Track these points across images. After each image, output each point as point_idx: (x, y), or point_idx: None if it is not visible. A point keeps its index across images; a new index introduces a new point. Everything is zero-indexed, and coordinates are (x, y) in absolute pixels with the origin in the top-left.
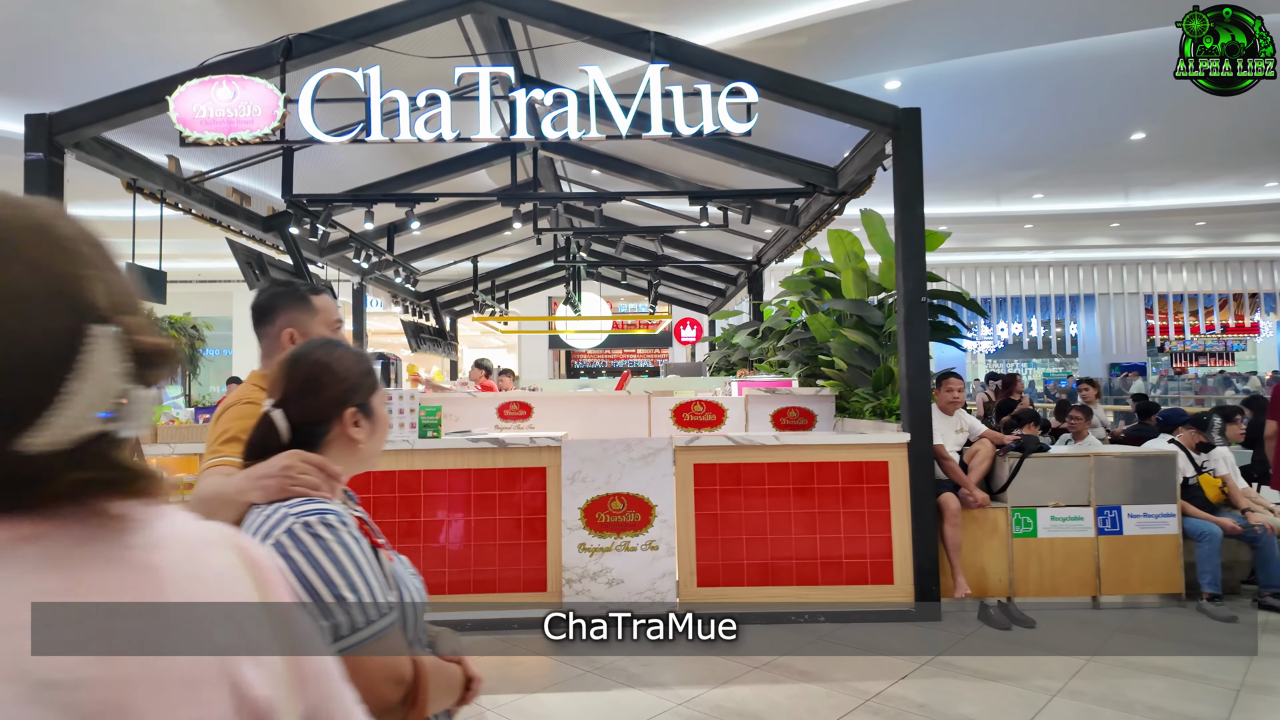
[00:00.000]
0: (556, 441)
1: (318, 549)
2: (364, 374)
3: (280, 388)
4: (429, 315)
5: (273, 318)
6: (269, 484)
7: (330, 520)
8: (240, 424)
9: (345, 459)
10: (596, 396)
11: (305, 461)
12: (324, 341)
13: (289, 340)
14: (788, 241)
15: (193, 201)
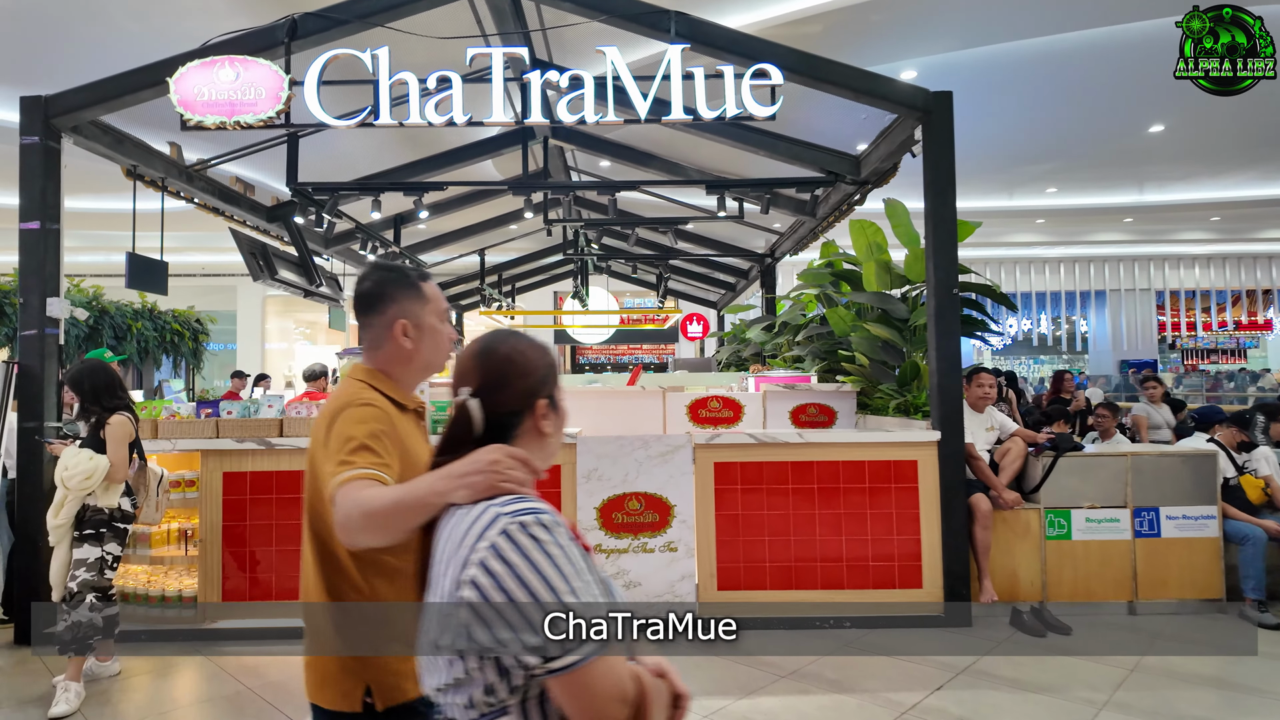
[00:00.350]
0: (571, 438)
1: (538, 552)
2: (550, 365)
3: (473, 379)
4: None
5: (383, 306)
6: (476, 481)
7: (546, 520)
8: (365, 429)
9: (535, 452)
10: (609, 392)
11: (510, 456)
12: (509, 332)
13: (401, 332)
14: (804, 234)
15: (195, 190)
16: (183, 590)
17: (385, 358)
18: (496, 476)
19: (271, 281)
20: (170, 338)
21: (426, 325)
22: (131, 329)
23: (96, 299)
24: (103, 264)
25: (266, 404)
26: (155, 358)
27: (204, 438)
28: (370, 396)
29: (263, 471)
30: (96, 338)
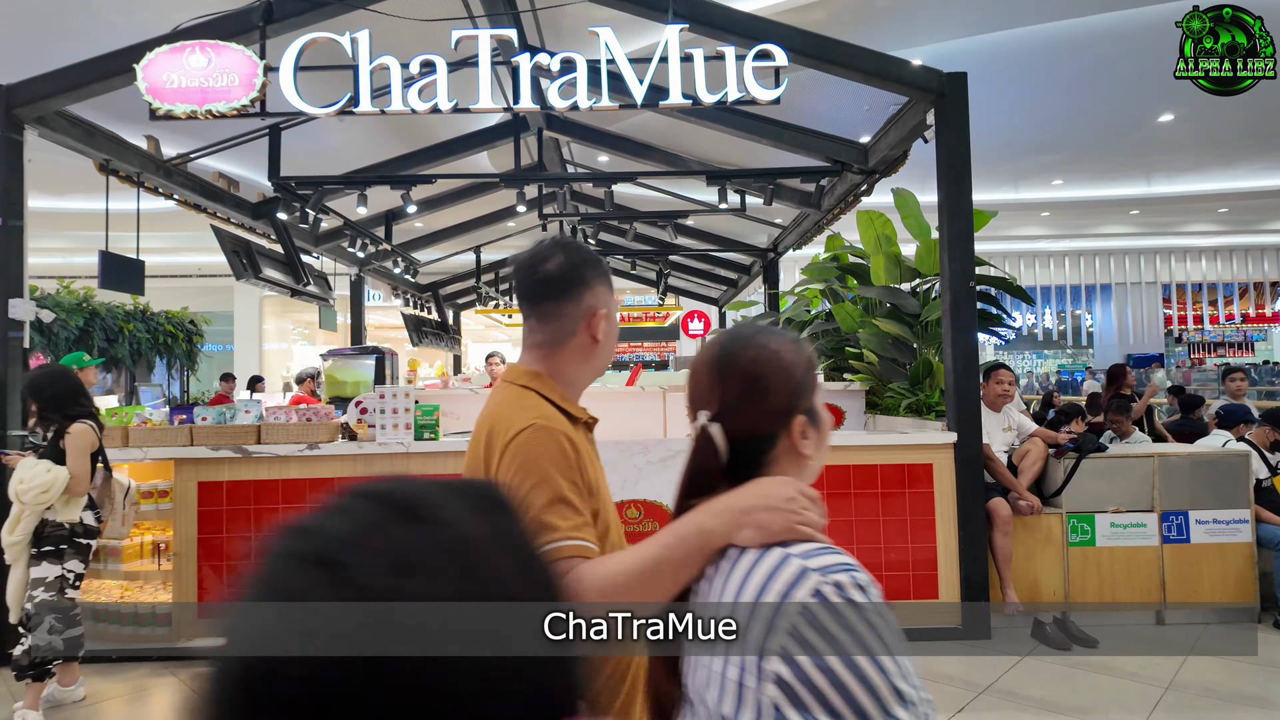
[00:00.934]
0: None
1: (861, 624)
2: (807, 369)
3: (714, 395)
4: (431, 308)
5: (578, 293)
6: (768, 520)
7: (862, 580)
8: (558, 469)
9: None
10: (606, 392)
11: (803, 494)
12: (752, 329)
13: (597, 324)
14: (808, 227)
15: (174, 186)
16: (156, 607)
17: (566, 357)
18: (793, 517)
19: (256, 280)
20: (163, 339)
21: (614, 318)
22: (123, 331)
23: (87, 300)
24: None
25: (244, 409)
26: (148, 360)
27: (177, 445)
28: (548, 413)
29: (240, 481)
30: (87, 340)
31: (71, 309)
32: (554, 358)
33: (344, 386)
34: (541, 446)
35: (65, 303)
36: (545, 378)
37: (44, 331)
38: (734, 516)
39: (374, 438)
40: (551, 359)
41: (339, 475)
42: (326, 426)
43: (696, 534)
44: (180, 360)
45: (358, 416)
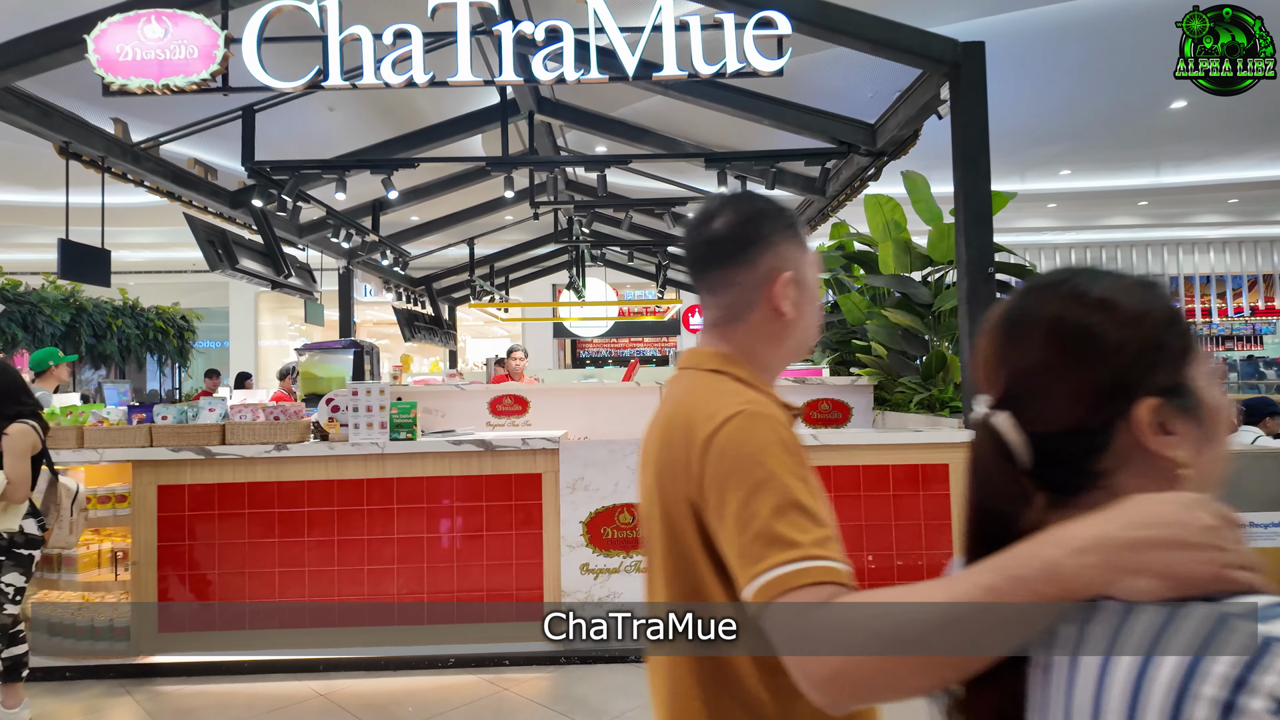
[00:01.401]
0: (553, 443)
1: None
2: (1166, 325)
3: (999, 371)
4: (424, 303)
5: (753, 254)
6: (1184, 563)
7: None
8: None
9: None
10: (601, 389)
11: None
12: (1070, 271)
13: (781, 293)
14: (812, 214)
15: (143, 172)
16: (114, 620)
17: (750, 334)
18: (1220, 556)
19: (232, 272)
20: (154, 335)
21: (810, 283)
22: (111, 327)
23: (74, 296)
24: None
25: (207, 407)
26: (138, 356)
27: (135, 446)
28: (754, 397)
29: (203, 484)
30: (74, 336)
31: (57, 304)
32: (737, 336)
33: (321, 383)
34: (759, 437)
35: (51, 298)
36: (736, 359)
37: (29, 327)
38: (1112, 555)
39: (346, 438)
40: (734, 338)
41: (308, 478)
42: (295, 426)
43: (1043, 575)
44: (172, 357)
45: (329, 415)
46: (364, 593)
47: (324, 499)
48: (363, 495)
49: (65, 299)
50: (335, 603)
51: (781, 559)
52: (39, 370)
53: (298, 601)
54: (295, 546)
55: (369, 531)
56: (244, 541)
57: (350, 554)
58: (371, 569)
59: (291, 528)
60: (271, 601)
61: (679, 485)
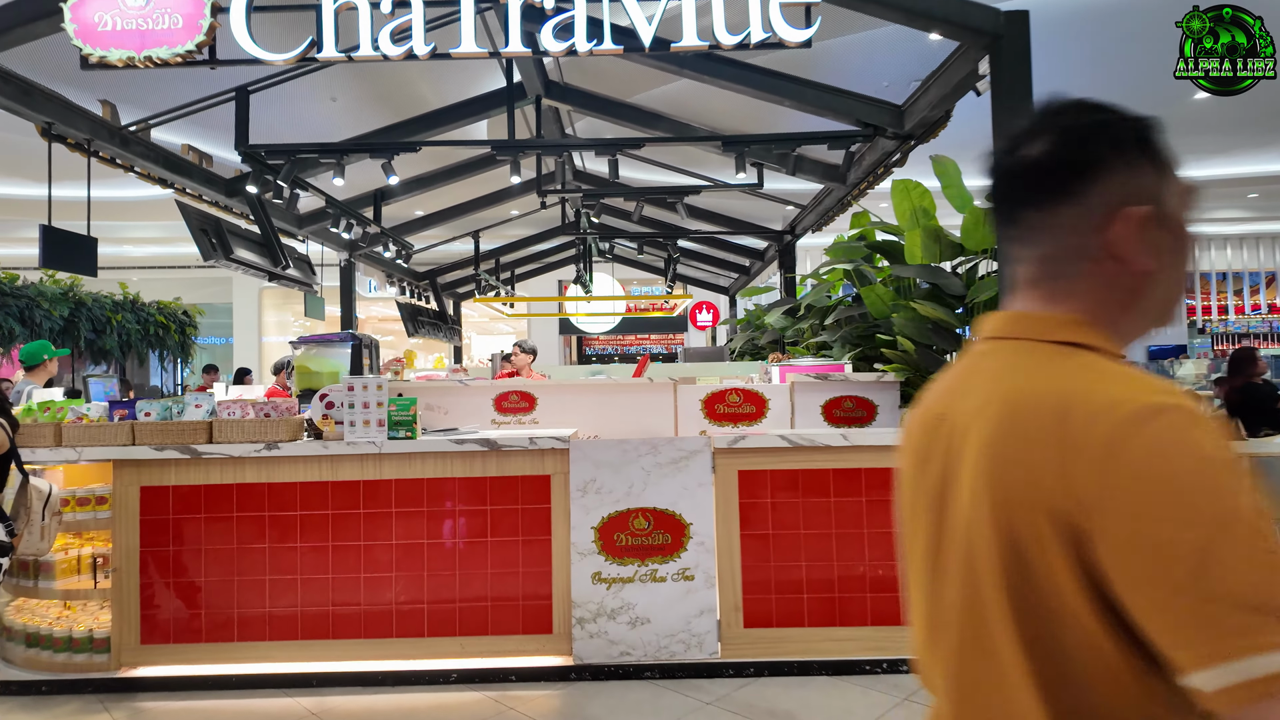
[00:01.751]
0: (563, 443)
1: None
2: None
3: None
4: (428, 297)
5: (1083, 185)
6: None
7: None
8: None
9: None
10: (612, 385)
11: None
12: None
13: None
14: (831, 204)
15: (132, 157)
16: (94, 630)
17: (1091, 294)
18: None
19: (226, 262)
20: (154, 331)
21: (1176, 220)
22: (111, 322)
23: (73, 289)
24: None
25: (194, 403)
26: (139, 352)
27: (116, 445)
28: (1172, 389)
29: (188, 486)
30: (73, 331)
31: (55, 298)
32: (1071, 298)
33: (316, 378)
34: (1204, 449)
35: (49, 292)
36: (1091, 327)
37: (26, 321)
38: None
39: (342, 436)
40: (1069, 299)
41: (301, 479)
42: (287, 423)
43: None
44: (173, 352)
45: (323, 412)
46: (360, 602)
47: (318, 501)
48: (359, 498)
49: (64, 293)
50: (329, 612)
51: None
52: (31, 364)
53: (289, 611)
54: (287, 552)
55: (365, 537)
56: (232, 547)
57: (345, 560)
58: (368, 577)
59: (283, 532)
60: (262, 611)
61: (1038, 494)
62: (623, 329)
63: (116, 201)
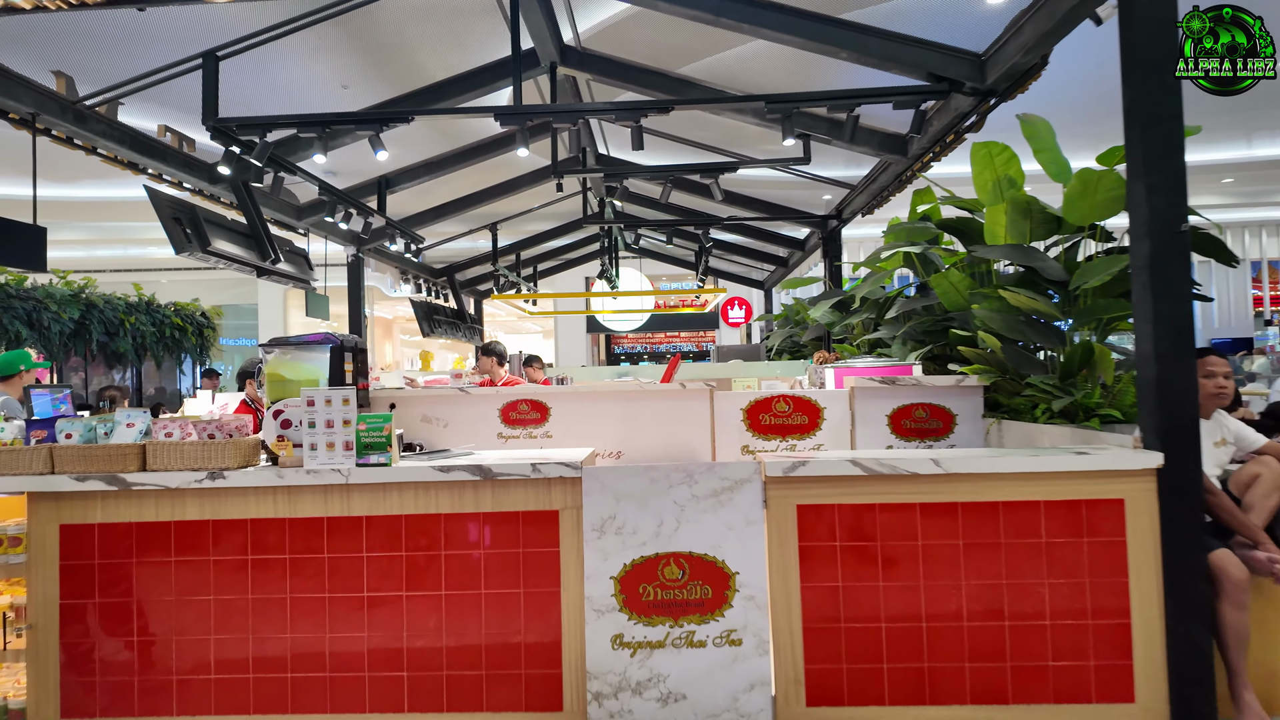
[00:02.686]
0: (574, 469)
1: None
2: None
3: None
4: (447, 295)
5: None
6: None
7: None
8: None
9: None
10: (638, 392)
11: None
12: None
13: None
14: (888, 180)
15: (91, 135)
16: (8, 700)
17: None
18: None
19: (203, 255)
20: (170, 333)
21: None
22: (125, 324)
23: (83, 291)
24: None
25: (124, 421)
26: (155, 355)
27: (30, 473)
28: None
29: (116, 524)
30: (84, 333)
31: (65, 300)
32: None
33: (289, 387)
34: None
35: (58, 294)
36: None
37: (34, 325)
38: None
39: (301, 462)
40: None
41: (251, 515)
42: (237, 447)
43: None
44: (191, 355)
45: (277, 432)
46: (325, 668)
47: (273, 543)
48: (322, 539)
49: (74, 295)
50: (288, 680)
51: None
52: (5, 374)
53: (239, 678)
54: (235, 606)
55: (331, 587)
56: (169, 599)
57: (307, 616)
58: (335, 637)
59: (230, 581)
60: (205, 677)
61: None
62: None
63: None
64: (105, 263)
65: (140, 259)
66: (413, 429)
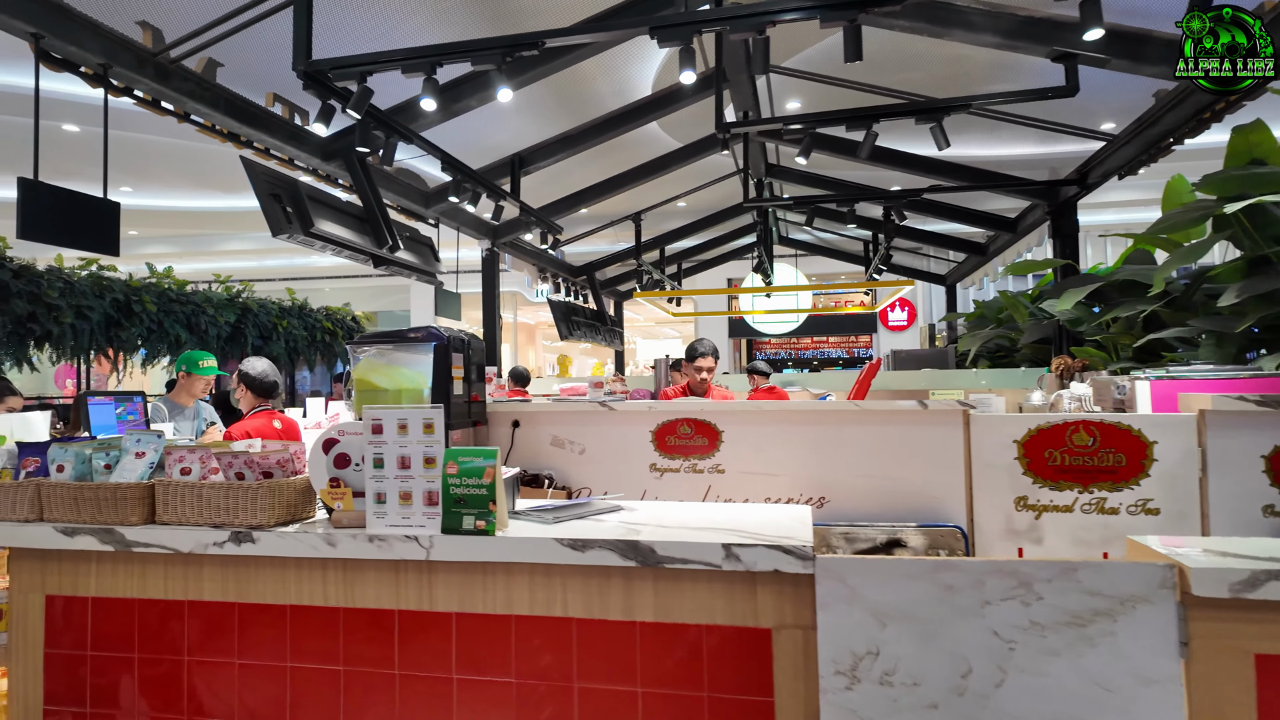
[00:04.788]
0: (801, 558)
1: None
2: None
3: None
4: (585, 296)
5: None
6: None
7: None
8: None
9: None
10: (847, 412)
11: None
12: None
13: None
14: (1176, 122)
15: (179, 96)
16: None
17: None
18: None
19: (305, 237)
20: (321, 336)
21: None
22: (278, 328)
23: (239, 295)
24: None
25: (134, 450)
26: (308, 359)
27: (13, 519)
28: None
29: (115, 599)
30: (239, 337)
31: (221, 305)
32: None
33: (382, 398)
34: None
35: (215, 298)
36: None
37: (193, 329)
38: None
39: (363, 520)
40: None
41: (291, 601)
42: (273, 493)
43: None
44: (341, 358)
45: (330, 472)
46: None
47: (320, 646)
48: (392, 645)
49: (230, 299)
50: None
51: None
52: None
53: None
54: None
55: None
56: (181, 718)
57: None
58: None
59: (260, 701)
60: None
61: None
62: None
63: None
64: (272, 272)
65: (303, 268)
66: (539, 454)
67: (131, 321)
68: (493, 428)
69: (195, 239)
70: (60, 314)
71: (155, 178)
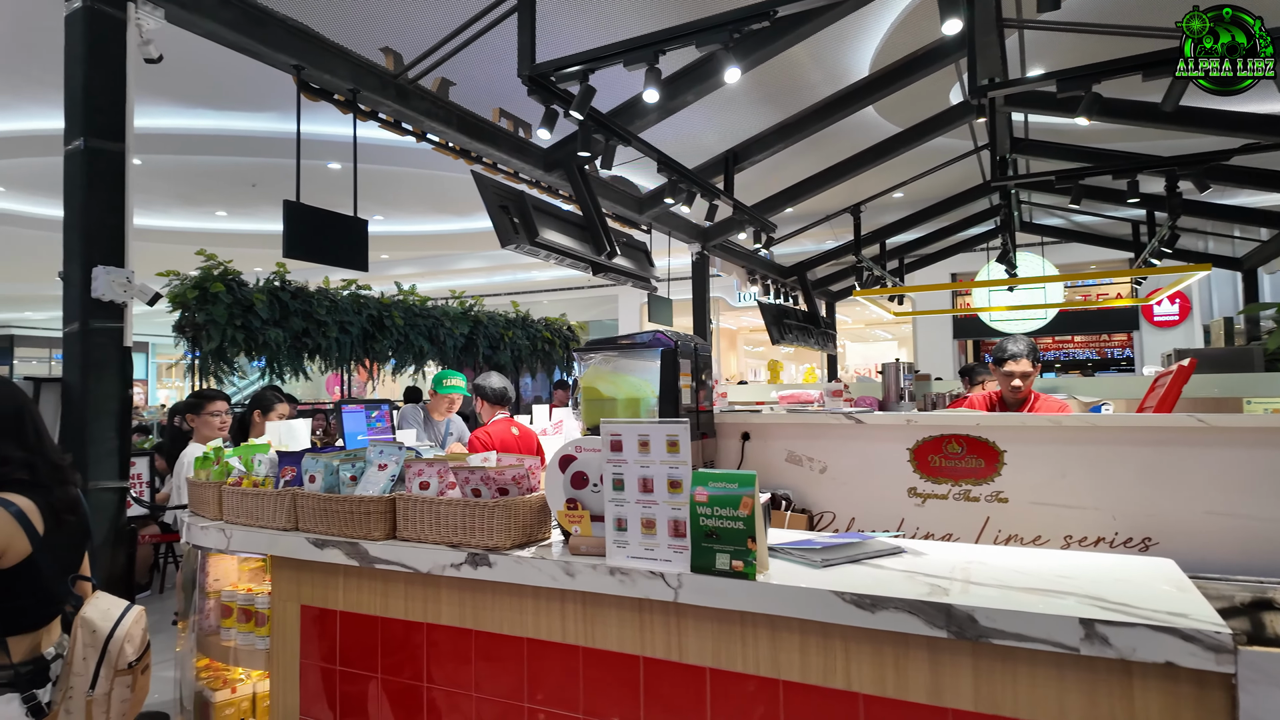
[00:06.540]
0: (1217, 647)
1: None
2: None
3: None
4: (796, 297)
5: None
6: None
7: None
8: None
9: None
10: (1170, 428)
11: None
12: None
13: None
14: None
15: (416, 115)
16: None
17: None
18: None
19: (530, 246)
20: (541, 346)
21: None
22: (504, 338)
23: (471, 309)
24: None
25: (377, 462)
26: (530, 366)
27: (272, 527)
28: None
29: (360, 615)
30: (472, 348)
31: (457, 318)
32: None
33: (609, 406)
34: None
35: (451, 312)
36: None
37: (434, 340)
38: None
39: (602, 548)
40: None
41: (529, 634)
42: (509, 512)
43: None
44: (560, 366)
45: (566, 492)
46: None
47: (559, 687)
48: (637, 695)
49: (464, 313)
50: None
51: None
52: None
53: None
54: None
55: None
56: None
57: None
58: None
59: None
60: None
61: None
62: (1041, 330)
63: None
64: (499, 287)
65: (525, 283)
66: (772, 471)
67: (383, 335)
68: (721, 440)
69: (434, 259)
70: (327, 329)
71: (401, 205)
